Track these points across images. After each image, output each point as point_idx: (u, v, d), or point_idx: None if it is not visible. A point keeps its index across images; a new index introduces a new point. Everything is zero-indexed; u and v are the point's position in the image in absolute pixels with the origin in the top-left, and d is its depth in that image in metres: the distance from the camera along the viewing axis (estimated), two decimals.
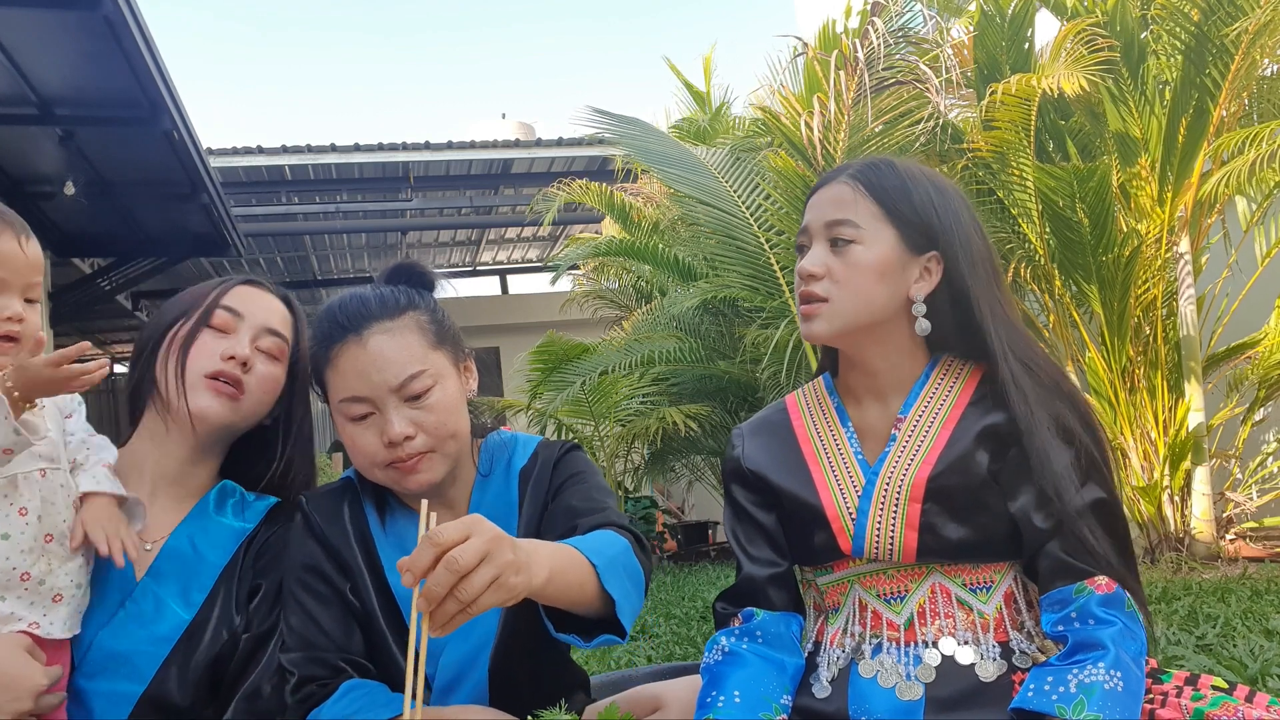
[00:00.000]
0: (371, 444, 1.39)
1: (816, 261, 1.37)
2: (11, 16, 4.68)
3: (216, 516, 1.56)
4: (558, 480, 1.51)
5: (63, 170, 6.20)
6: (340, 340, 1.40)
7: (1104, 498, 1.29)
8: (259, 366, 1.55)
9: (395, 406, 1.38)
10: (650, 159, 6.11)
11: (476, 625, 1.46)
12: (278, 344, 1.58)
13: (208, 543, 1.52)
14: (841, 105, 5.15)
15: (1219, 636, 2.65)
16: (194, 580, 1.49)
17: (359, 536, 1.48)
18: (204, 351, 1.53)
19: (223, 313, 1.56)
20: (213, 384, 1.51)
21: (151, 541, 1.50)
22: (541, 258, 13.58)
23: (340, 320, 1.41)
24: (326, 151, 9.57)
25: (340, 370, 1.40)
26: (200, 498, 1.57)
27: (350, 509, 1.50)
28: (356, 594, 1.46)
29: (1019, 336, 1.36)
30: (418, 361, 1.40)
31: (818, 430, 1.44)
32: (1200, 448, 4.68)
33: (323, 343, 1.43)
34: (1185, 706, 1.20)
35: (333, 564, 1.46)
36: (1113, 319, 4.73)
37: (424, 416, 1.39)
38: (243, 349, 1.53)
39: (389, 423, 1.37)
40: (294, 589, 1.46)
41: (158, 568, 1.48)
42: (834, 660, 1.36)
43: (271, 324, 1.59)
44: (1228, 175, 4.23)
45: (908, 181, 1.38)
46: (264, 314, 1.59)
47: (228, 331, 1.55)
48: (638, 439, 6.39)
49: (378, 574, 1.47)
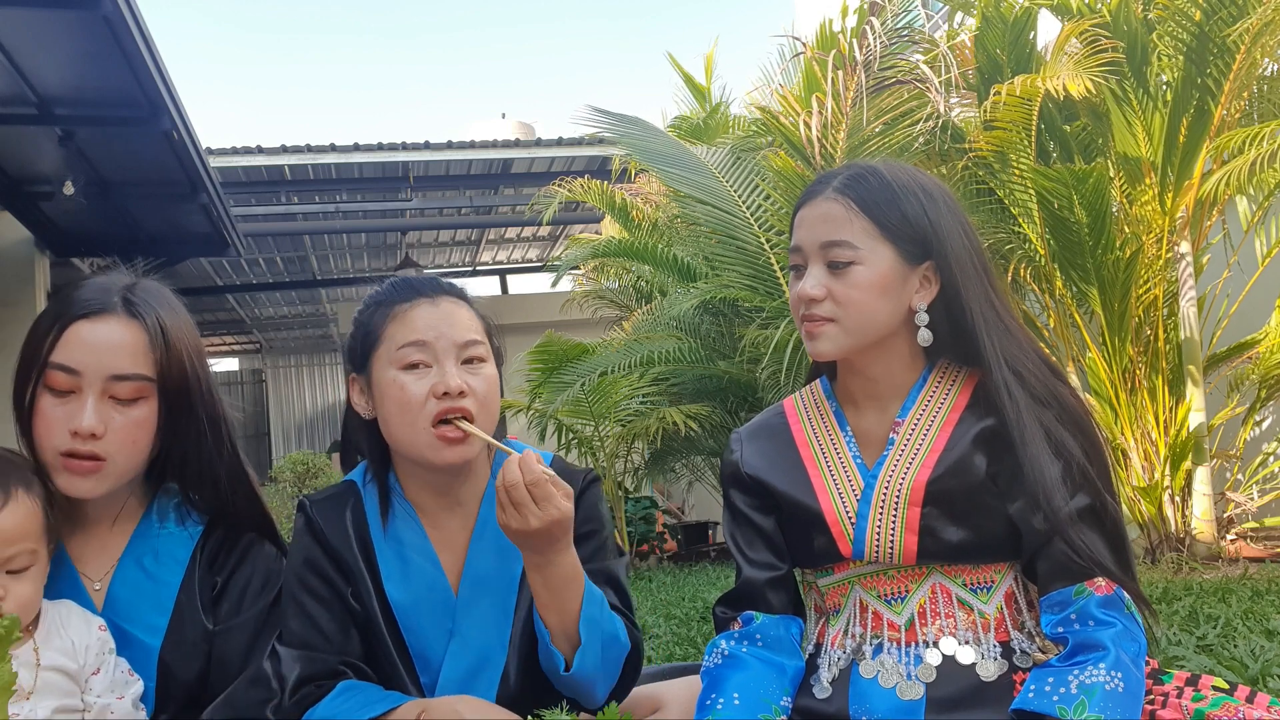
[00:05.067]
0: (420, 393, 1.42)
1: (816, 285, 1.35)
2: (11, 16, 4.67)
3: (161, 528, 1.47)
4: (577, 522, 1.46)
5: (62, 170, 6.20)
6: (411, 299, 1.48)
7: (1097, 504, 1.29)
8: (116, 419, 1.35)
9: (454, 362, 1.44)
10: (650, 158, 6.10)
11: (474, 638, 1.47)
12: (134, 386, 1.36)
13: (158, 562, 1.44)
14: (840, 105, 5.15)
15: (1220, 637, 2.64)
16: (154, 604, 1.42)
17: (360, 540, 1.48)
18: (49, 425, 1.34)
19: (57, 373, 1.33)
20: (68, 463, 1.34)
21: (99, 578, 1.42)
22: (541, 258, 13.58)
23: (415, 285, 1.50)
24: (326, 151, 9.56)
25: (408, 321, 1.46)
26: (141, 514, 1.46)
27: (352, 513, 1.50)
28: (357, 598, 1.46)
29: (1012, 342, 1.35)
30: (477, 333, 1.49)
31: (816, 434, 1.43)
32: (1201, 448, 4.68)
33: (390, 302, 1.49)
34: (1186, 707, 1.20)
35: (334, 566, 1.46)
36: (1113, 319, 4.73)
37: (475, 381, 1.45)
38: (88, 420, 1.32)
39: (446, 374, 1.43)
40: (295, 590, 1.46)
41: (111, 602, 1.41)
42: (835, 661, 1.36)
43: (118, 368, 1.35)
44: (1228, 175, 4.22)
45: (898, 192, 1.36)
46: (108, 358, 1.35)
47: (72, 391, 1.34)
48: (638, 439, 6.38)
49: (377, 578, 1.47)
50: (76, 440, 1.33)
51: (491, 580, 1.49)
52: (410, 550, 1.49)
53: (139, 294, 1.41)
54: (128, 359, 1.36)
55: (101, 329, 1.36)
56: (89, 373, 1.34)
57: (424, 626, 1.47)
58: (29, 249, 7.29)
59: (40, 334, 1.36)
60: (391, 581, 1.47)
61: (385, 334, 1.46)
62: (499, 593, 1.50)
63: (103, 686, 1.33)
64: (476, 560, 1.50)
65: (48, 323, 1.37)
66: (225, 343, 16.80)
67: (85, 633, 1.34)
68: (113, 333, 1.36)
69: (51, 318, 1.36)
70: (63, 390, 1.34)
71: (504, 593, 1.50)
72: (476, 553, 1.50)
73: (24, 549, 1.29)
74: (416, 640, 1.47)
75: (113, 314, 1.37)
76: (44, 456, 1.35)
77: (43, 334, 1.36)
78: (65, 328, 1.35)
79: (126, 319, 1.38)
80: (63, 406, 1.34)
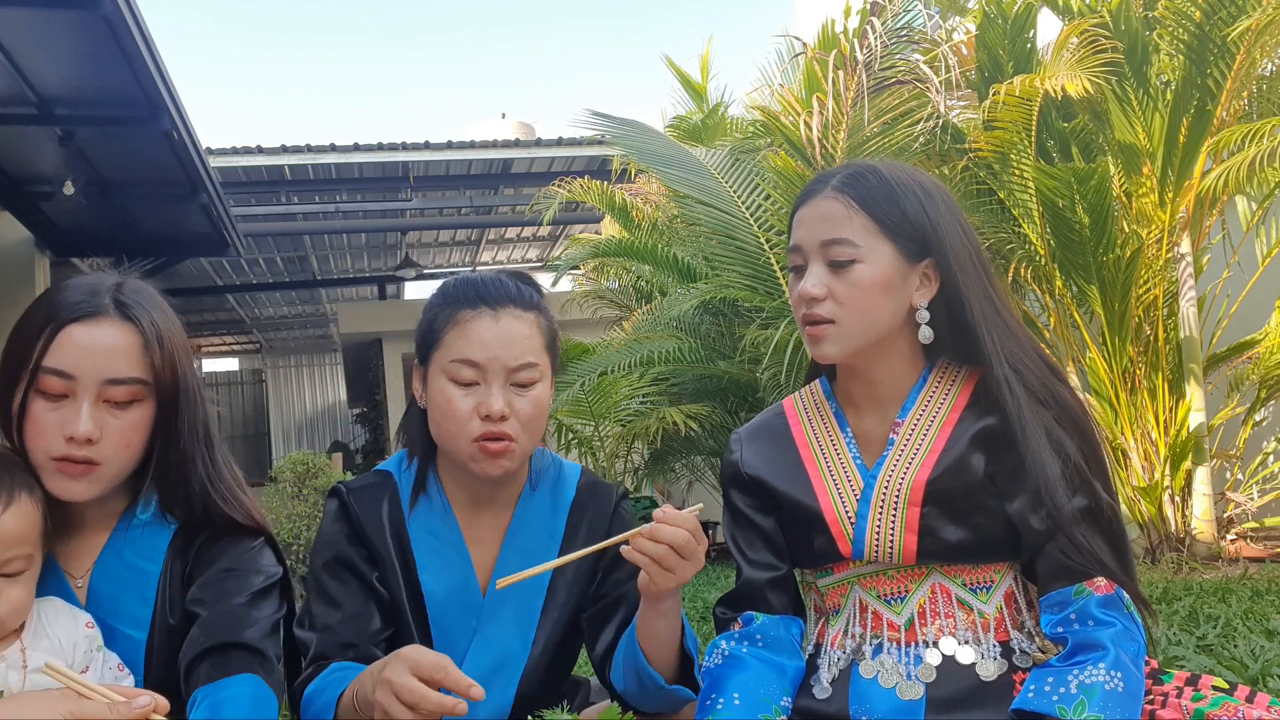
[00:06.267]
0: (465, 409, 1.43)
1: (817, 284, 1.35)
2: (11, 16, 4.68)
3: (142, 518, 1.44)
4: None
5: (62, 170, 6.20)
6: (475, 308, 1.46)
7: (1097, 503, 1.29)
8: (111, 423, 1.33)
9: (501, 385, 1.44)
10: (650, 160, 6.11)
11: (498, 639, 1.48)
12: (128, 390, 1.34)
13: (137, 554, 1.42)
14: (841, 105, 5.15)
15: (1219, 637, 2.64)
16: (137, 596, 1.40)
17: (394, 530, 1.50)
18: (42, 430, 1.31)
19: (50, 378, 1.31)
20: (62, 467, 1.31)
21: (81, 575, 1.40)
22: (541, 258, 13.58)
23: (481, 291, 1.48)
24: (326, 151, 9.57)
25: (466, 334, 1.45)
26: (123, 509, 1.44)
27: (389, 503, 1.52)
28: (384, 584, 1.48)
29: (1012, 339, 1.35)
30: (534, 354, 1.47)
31: (816, 434, 1.43)
32: (1201, 448, 4.68)
33: (454, 304, 1.48)
34: (1186, 707, 1.20)
35: (362, 552, 1.48)
36: (1113, 319, 4.73)
37: (522, 405, 1.45)
38: (84, 426, 1.30)
39: (492, 396, 1.43)
40: (319, 573, 1.48)
41: (94, 597, 1.39)
42: (835, 661, 1.36)
43: (114, 373, 1.32)
44: (1227, 172, 4.22)
45: (896, 189, 1.36)
46: (102, 362, 1.32)
47: (65, 395, 1.31)
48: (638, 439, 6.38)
49: (410, 568, 1.49)
50: (71, 445, 1.30)
51: (520, 584, 1.50)
52: (444, 544, 1.51)
53: (129, 295, 1.39)
54: (123, 362, 1.34)
55: (96, 332, 1.33)
56: (84, 377, 1.31)
57: (450, 620, 1.49)
58: (29, 249, 7.30)
59: (29, 337, 1.33)
60: (427, 572, 1.49)
61: (444, 339, 1.47)
62: (526, 597, 1.52)
63: None
64: (508, 561, 1.52)
65: (36, 326, 1.33)
66: (225, 343, 16.80)
67: (73, 630, 1.33)
68: (107, 336, 1.33)
69: (41, 320, 1.33)
70: (55, 394, 1.32)
71: (531, 596, 1.52)
72: (508, 555, 1.52)
73: (21, 553, 1.27)
74: (442, 633, 1.49)
75: (106, 316, 1.34)
76: (35, 459, 1.33)
77: (32, 337, 1.32)
78: (57, 331, 1.32)
79: (120, 321, 1.35)
80: (56, 411, 1.31)
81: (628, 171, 7.61)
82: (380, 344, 12.59)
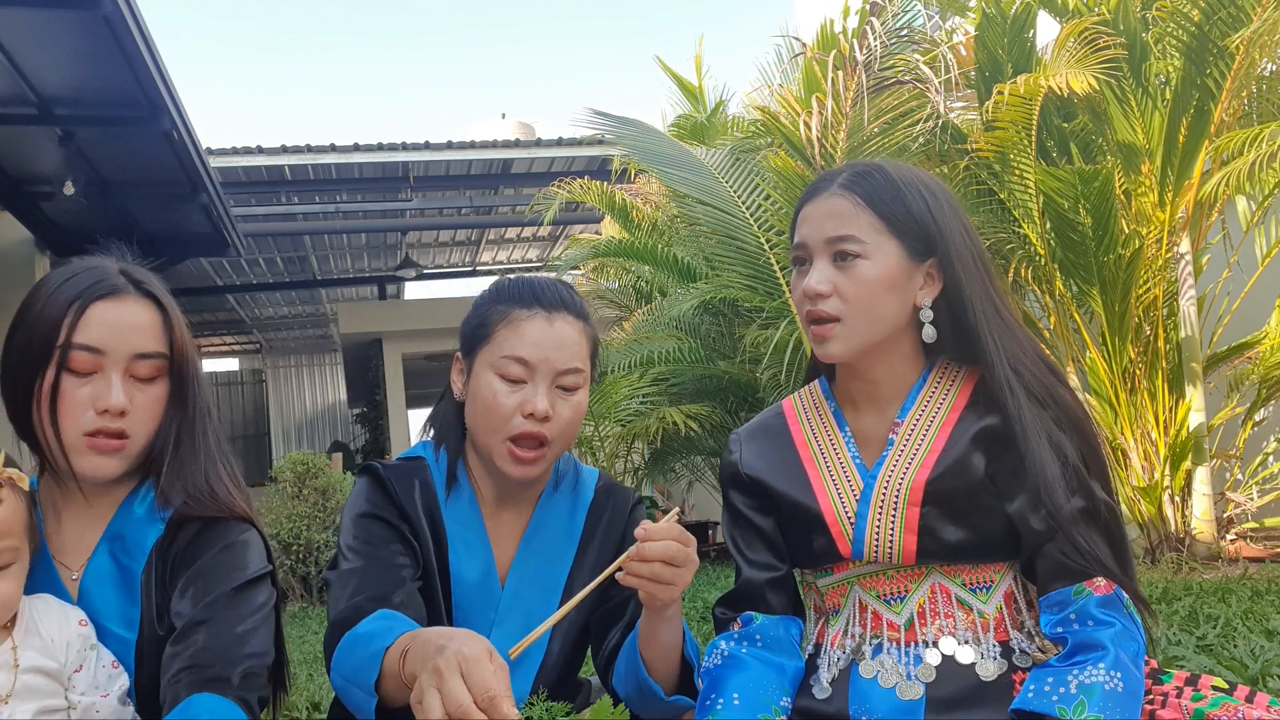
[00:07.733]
0: (509, 405, 1.46)
1: (823, 280, 1.35)
2: (11, 16, 4.68)
3: (138, 512, 1.43)
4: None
5: (62, 170, 6.20)
6: (530, 309, 1.49)
7: (1096, 504, 1.29)
8: (138, 397, 1.38)
9: (548, 386, 1.47)
10: (650, 159, 6.11)
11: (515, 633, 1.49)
12: (153, 364, 1.39)
13: (126, 551, 1.41)
14: (840, 105, 5.15)
15: (1219, 637, 2.65)
16: (125, 595, 1.39)
17: (427, 511, 1.52)
18: (74, 406, 1.34)
19: (81, 354, 1.34)
20: (94, 442, 1.35)
21: (77, 569, 1.39)
22: (541, 258, 13.58)
23: (538, 294, 1.51)
24: (326, 151, 9.57)
25: (520, 332, 1.47)
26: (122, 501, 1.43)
27: (421, 485, 1.53)
28: (416, 554, 1.48)
29: (1013, 339, 1.35)
30: (581, 360, 1.51)
31: (815, 435, 1.43)
32: (1201, 448, 4.68)
33: (510, 302, 1.50)
34: (1185, 707, 1.20)
35: (398, 513, 1.49)
36: (1113, 319, 4.73)
37: (564, 409, 1.48)
38: (117, 398, 1.34)
39: (539, 395, 1.46)
40: (353, 524, 1.47)
41: (84, 595, 1.38)
42: (834, 661, 1.36)
43: (142, 347, 1.38)
44: (1228, 175, 4.22)
45: (902, 188, 1.36)
46: (131, 337, 1.37)
47: (94, 371, 1.35)
48: (638, 439, 6.38)
49: (441, 547, 1.50)
50: (105, 418, 1.34)
51: (538, 580, 1.53)
52: (472, 534, 1.52)
53: (140, 274, 1.44)
54: (148, 337, 1.39)
55: (122, 309, 1.38)
56: (112, 352, 1.36)
57: (472, 609, 1.50)
58: (29, 249, 7.29)
59: (53, 317, 1.35)
60: (456, 555, 1.50)
61: (496, 335, 1.49)
62: (543, 593, 1.53)
63: (86, 684, 1.30)
64: (527, 558, 1.54)
65: (58, 306, 1.36)
66: (225, 343, 16.79)
67: (65, 628, 1.31)
68: (132, 312, 1.39)
69: (64, 301, 1.36)
70: (84, 372, 1.35)
71: (548, 593, 1.53)
72: (527, 551, 1.54)
73: (8, 545, 1.27)
74: (463, 619, 1.49)
75: (128, 294, 1.40)
76: (66, 438, 1.35)
77: (57, 317, 1.35)
78: (85, 308, 1.36)
79: (140, 298, 1.41)
80: (87, 387, 1.35)
81: (628, 171, 7.61)
82: (380, 344, 12.59)
